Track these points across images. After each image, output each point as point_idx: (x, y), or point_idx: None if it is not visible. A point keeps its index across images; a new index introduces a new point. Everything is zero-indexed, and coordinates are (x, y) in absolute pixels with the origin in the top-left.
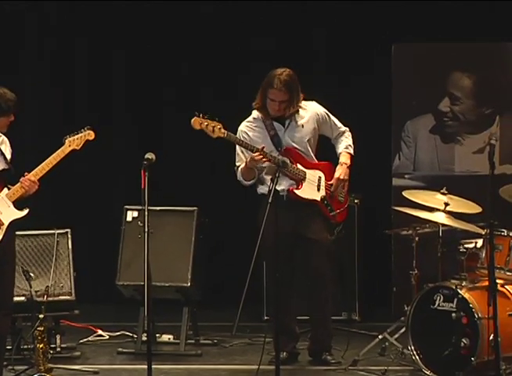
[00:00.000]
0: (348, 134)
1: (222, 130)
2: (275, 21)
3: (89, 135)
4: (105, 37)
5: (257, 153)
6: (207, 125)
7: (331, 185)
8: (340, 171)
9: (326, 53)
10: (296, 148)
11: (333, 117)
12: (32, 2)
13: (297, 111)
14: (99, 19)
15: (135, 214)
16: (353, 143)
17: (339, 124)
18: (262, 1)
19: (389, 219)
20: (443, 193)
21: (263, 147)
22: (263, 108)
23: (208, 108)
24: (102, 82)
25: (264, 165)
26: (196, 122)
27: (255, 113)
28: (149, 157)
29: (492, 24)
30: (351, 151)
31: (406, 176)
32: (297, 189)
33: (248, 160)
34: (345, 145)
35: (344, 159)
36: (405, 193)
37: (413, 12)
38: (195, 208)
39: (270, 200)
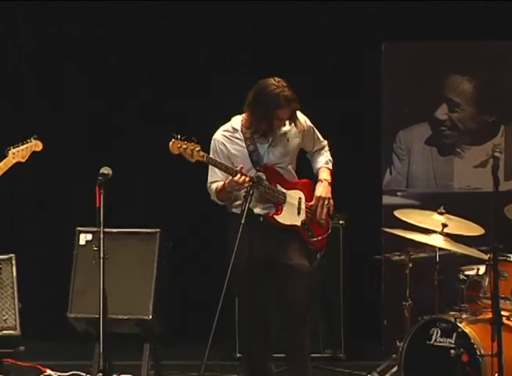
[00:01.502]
0: (327, 148)
1: (201, 153)
2: (255, 20)
3: (36, 145)
4: (55, 44)
5: (239, 176)
6: (185, 149)
7: (311, 206)
8: (321, 189)
9: (304, 53)
10: (276, 164)
11: (316, 131)
12: None
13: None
14: (54, 18)
15: (89, 237)
16: (336, 156)
17: (321, 138)
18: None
19: (379, 243)
20: (440, 213)
21: (241, 168)
22: (267, 132)
23: (171, 119)
24: (52, 91)
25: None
26: (175, 146)
27: (236, 123)
28: (105, 172)
29: (497, 20)
30: (331, 167)
31: (398, 194)
32: (277, 214)
33: (227, 183)
34: (325, 160)
35: (325, 175)
36: (398, 213)
37: (406, 6)
38: (157, 230)
39: (243, 221)
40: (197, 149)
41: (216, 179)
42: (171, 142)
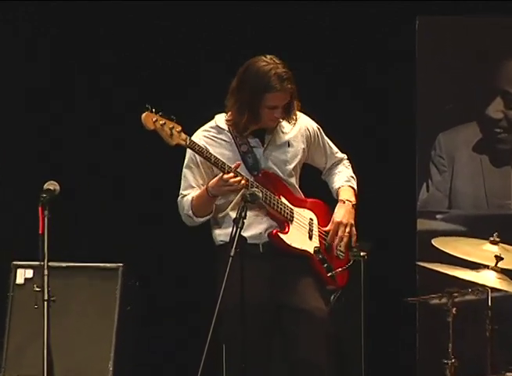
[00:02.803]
0: (348, 163)
1: (183, 134)
2: None
3: None
4: None
5: (233, 174)
6: (163, 125)
7: (327, 233)
8: (343, 212)
9: (305, 52)
10: (278, 175)
11: (326, 137)
12: None
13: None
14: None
15: (30, 273)
16: (355, 168)
17: (335, 148)
18: None
19: (412, 281)
20: (494, 242)
21: (238, 165)
22: (249, 125)
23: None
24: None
25: (231, 198)
26: (149, 119)
27: (220, 121)
28: (51, 188)
29: None
30: (355, 186)
31: (438, 216)
32: (283, 232)
33: (214, 182)
34: (346, 177)
35: (347, 195)
36: (437, 242)
37: None
38: (119, 265)
39: (232, 253)
40: (178, 129)
41: (190, 191)
42: (144, 114)
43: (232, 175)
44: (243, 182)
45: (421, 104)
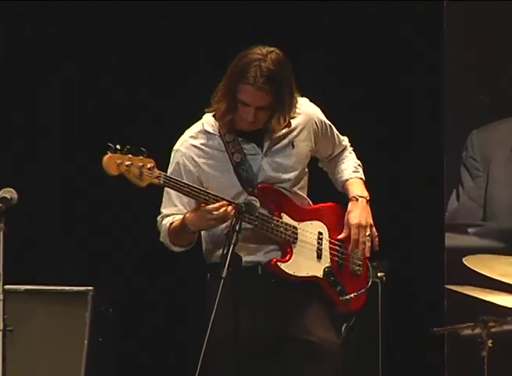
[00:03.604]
0: (350, 148)
1: (156, 171)
2: None
3: None
4: None
5: (219, 205)
6: (129, 166)
7: (342, 242)
8: (358, 212)
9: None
10: (279, 185)
11: (333, 127)
12: None
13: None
14: None
15: None
16: (367, 172)
17: (340, 135)
18: None
19: (440, 307)
20: None
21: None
22: (227, 115)
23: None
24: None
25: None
26: (112, 163)
27: (207, 122)
28: (7, 197)
29: None
30: (363, 175)
31: (471, 230)
32: (284, 260)
33: (196, 214)
34: (352, 166)
35: (359, 189)
36: (469, 261)
37: None
38: (89, 289)
39: (224, 274)
40: (149, 166)
41: (172, 210)
42: (105, 157)
43: (218, 204)
44: (229, 209)
45: (449, 96)
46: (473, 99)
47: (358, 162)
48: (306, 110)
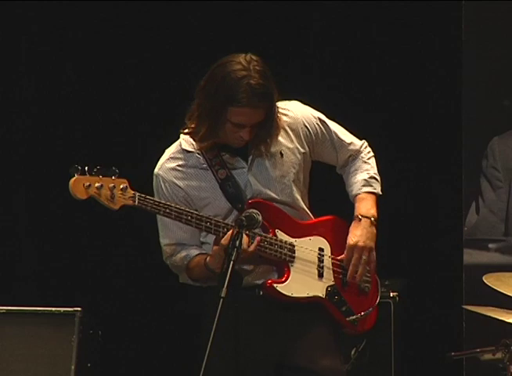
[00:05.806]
0: (367, 154)
1: (129, 192)
2: None
3: None
4: None
5: (228, 235)
6: (99, 189)
7: (342, 261)
8: (358, 233)
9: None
10: (271, 199)
11: (333, 126)
12: None
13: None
14: None
15: None
16: (382, 180)
17: (348, 137)
18: None
19: (458, 329)
20: None
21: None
22: (208, 139)
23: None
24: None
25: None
26: (79, 187)
27: (186, 140)
28: None
29: None
30: (378, 189)
31: (491, 246)
32: (280, 281)
33: (214, 260)
34: (363, 179)
35: (364, 207)
36: (489, 279)
37: None
38: (76, 309)
39: (223, 294)
40: (122, 186)
41: (179, 246)
42: (72, 180)
43: (226, 237)
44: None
45: (467, 101)
46: (493, 105)
47: (374, 172)
48: (293, 115)
